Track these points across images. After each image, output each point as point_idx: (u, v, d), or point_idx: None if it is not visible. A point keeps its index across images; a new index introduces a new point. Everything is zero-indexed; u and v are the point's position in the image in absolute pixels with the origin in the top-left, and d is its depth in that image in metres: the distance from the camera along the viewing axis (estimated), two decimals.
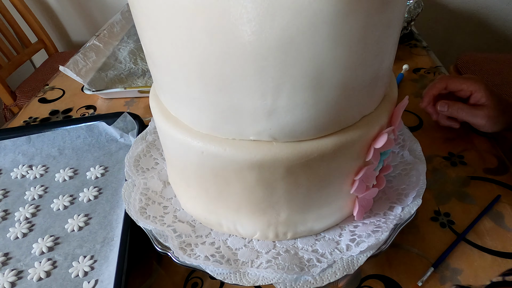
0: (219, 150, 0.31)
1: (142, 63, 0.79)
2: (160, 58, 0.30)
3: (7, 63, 1.38)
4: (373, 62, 0.29)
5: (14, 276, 0.41)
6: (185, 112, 0.33)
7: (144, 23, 0.29)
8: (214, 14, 0.24)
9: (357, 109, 0.31)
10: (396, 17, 0.29)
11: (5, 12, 1.43)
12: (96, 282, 0.39)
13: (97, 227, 0.45)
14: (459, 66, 1.16)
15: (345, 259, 0.34)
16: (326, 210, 0.37)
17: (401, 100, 0.36)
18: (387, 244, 0.36)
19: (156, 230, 0.38)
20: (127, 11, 0.98)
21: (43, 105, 0.73)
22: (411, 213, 0.38)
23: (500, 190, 0.48)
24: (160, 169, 0.46)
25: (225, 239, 0.38)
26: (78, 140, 0.58)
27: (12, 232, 0.45)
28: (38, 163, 0.56)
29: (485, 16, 1.49)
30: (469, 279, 0.38)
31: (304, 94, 0.27)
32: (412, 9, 0.80)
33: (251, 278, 0.34)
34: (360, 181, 0.35)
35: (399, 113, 0.35)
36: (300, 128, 0.29)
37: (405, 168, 0.44)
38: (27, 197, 0.50)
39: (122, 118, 0.57)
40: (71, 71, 0.69)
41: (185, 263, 0.35)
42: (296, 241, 0.38)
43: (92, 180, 0.52)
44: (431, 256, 0.41)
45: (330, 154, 0.31)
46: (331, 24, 0.24)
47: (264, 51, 0.25)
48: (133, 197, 0.41)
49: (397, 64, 0.74)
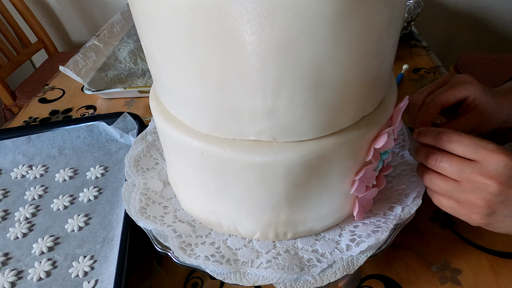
0: (219, 150, 0.31)
1: (142, 63, 0.79)
2: (160, 58, 0.30)
3: (7, 63, 1.38)
4: (373, 62, 0.29)
5: (14, 276, 0.41)
6: (185, 112, 0.33)
7: (144, 23, 0.29)
8: (214, 14, 0.24)
9: (357, 109, 0.31)
10: (396, 17, 0.29)
11: (5, 12, 1.43)
12: (96, 282, 0.39)
13: (97, 227, 0.45)
14: (459, 66, 1.16)
15: (345, 259, 0.34)
16: (326, 210, 0.37)
17: (401, 100, 0.36)
18: (387, 244, 0.36)
19: (156, 230, 0.38)
20: (127, 11, 0.98)
21: (43, 105, 0.73)
22: (411, 213, 0.38)
23: None
24: (160, 169, 0.46)
25: (225, 239, 0.38)
26: (78, 140, 0.58)
27: (12, 232, 0.45)
28: (38, 163, 0.56)
29: (485, 16, 1.49)
30: (469, 279, 0.38)
31: (304, 94, 0.27)
32: (412, 9, 0.80)
33: (251, 278, 0.34)
34: (360, 181, 0.35)
35: (399, 113, 0.35)
36: (300, 128, 0.29)
37: (405, 168, 0.44)
38: (27, 197, 0.50)
39: (122, 118, 0.57)
40: (71, 71, 0.69)
41: (185, 263, 0.35)
42: (296, 241, 0.38)
43: (92, 180, 0.52)
44: (431, 256, 0.41)
45: (330, 154, 0.31)
46: (331, 24, 0.24)
47: (264, 51, 0.25)
48: (133, 197, 0.41)
49: (397, 64, 0.74)
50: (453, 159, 0.34)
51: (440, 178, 0.35)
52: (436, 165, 0.35)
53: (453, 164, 0.34)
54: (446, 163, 0.34)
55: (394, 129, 0.35)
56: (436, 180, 0.35)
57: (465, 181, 0.33)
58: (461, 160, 0.33)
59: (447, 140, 0.34)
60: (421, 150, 0.37)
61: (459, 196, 0.34)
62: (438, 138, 0.35)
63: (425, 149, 0.36)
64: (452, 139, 0.34)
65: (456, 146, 0.34)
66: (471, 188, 0.33)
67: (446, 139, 0.34)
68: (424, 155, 0.36)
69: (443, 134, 0.35)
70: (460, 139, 0.33)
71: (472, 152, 0.33)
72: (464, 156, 0.33)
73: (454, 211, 0.35)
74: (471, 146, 0.33)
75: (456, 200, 0.35)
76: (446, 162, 0.34)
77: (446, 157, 0.34)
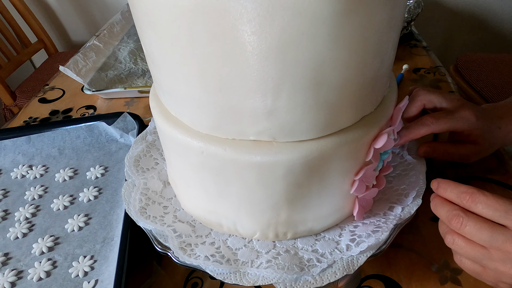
0: (219, 150, 0.31)
1: (142, 63, 0.79)
2: (160, 58, 0.30)
3: (7, 63, 1.38)
4: (373, 62, 0.29)
5: (14, 276, 0.41)
6: (185, 112, 0.33)
7: (144, 23, 0.29)
8: (214, 14, 0.24)
9: (357, 109, 0.31)
10: (396, 17, 0.29)
11: (5, 12, 1.43)
12: (96, 282, 0.39)
13: (97, 227, 0.45)
14: (459, 66, 1.16)
15: (345, 259, 0.34)
16: (326, 210, 0.37)
17: (401, 100, 0.36)
18: (387, 244, 0.36)
19: (156, 230, 0.38)
20: (127, 11, 0.98)
21: (43, 105, 0.73)
22: (411, 213, 0.38)
23: (500, 190, 0.48)
24: (160, 169, 0.46)
25: (225, 239, 0.38)
26: (78, 140, 0.58)
27: (12, 232, 0.45)
28: (38, 163, 0.56)
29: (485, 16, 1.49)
30: (469, 279, 0.38)
31: (304, 94, 0.27)
32: (412, 9, 0.80)
33: (251, 278, 0.34)
34: (360, 181, 0.35)
35: (399, 113, 0.35)
36: (300, 128, 0.29)
37: (405, 168, 0.44)
38: (27, 197, 0.50)
39: (122, 118, 0.57)
40: (71, 71, 0.69)
41: (185, 263, 0.35)
42: (296, 241, 0.38)
43: (92, 180, 0.52)
44: (431, 256, 0.41)
45: (330, 154, 0.31)
46: (331, 24, 0.24)
47: (264, 51, 0.25)
48: (133, 197, 0.41)
49: (397, 64, 0.74)
50: (482, 225, 0.30)
51: (466, 242, 0.31)
52: (461, 229, 0.31)
53: (482, 231, 0.29)
54: (473, 229, 0.30)
55: (394, 129, 0.35)
56: (461, 243, 0.31)
57: (495, 250, 0.29)
58: (491, 226, 0.29)
59: (472, 201, 0.31)
60: (441, 206, 0.33)
61: (487, 263, 0.30)
62: (462, 198, 0.31)
63: (446, 207, 0.32)
64: (477, 200, 0.30)
65: (483, 208, 0.30)
66: (501, 257, 0.29)
67: (470, 199, 0.31)
68: (446, 214, 0.32)
69: (467, 194, 0.31)
70: (487, 201, 0.30)
71: (502, 217, 0.29)
72: (492, 219, 0.30)
73: (479, 276, 0.32)
74: (500, 211, 0.29)
75: (482, 266, 0.31)
76: (474, 228, 0.30)
77: (473, 221, 0.30)
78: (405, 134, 0.41)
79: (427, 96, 0.44)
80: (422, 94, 0.44)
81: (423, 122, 0.41)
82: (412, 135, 0.41)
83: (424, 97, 0.44)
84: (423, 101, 0.44)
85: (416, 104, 0.44)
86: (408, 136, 0.41)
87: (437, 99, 0.44)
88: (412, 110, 0.45)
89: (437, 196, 0.34)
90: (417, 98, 0.45)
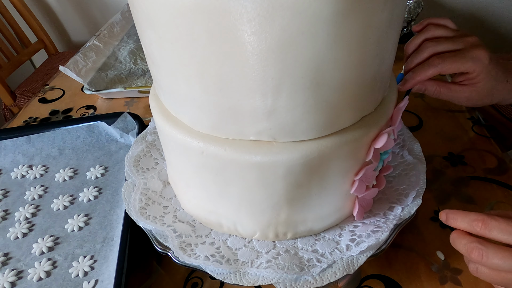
0: (219, 150, 0.31)
1: (142, 63, 0.79)
2: (160, 58, 0.30)
3: (7, 63, 1.38)
4: (373, 62, 0.29)
5: (14, 276, 0.41)
6: (185, 112, 0.33)
7: (144, 23, 0.29)
8: (214, 14, 0.24)
9: (357, 109, 0.31)
10: (396, 17, 0.29)
11: (5, 12, 1.43)
12: (96, 282, 0.39)
13: (97, 227, 0.45)
14: None
15: (345, 259, 0.34)
16: (326, 210, 0.37)
17: (401, 100, 0.36)
18: (387, 244, 0.36)
19: (156, 230, 0.38)
20: (127, 11, 0.98)
21: (43, 105, 0.73)
22: (411, 213, 0.38)
23: (500, 190, 0.48)
24: (160, 169, 0.46)
25: (225, 239, 0.38)
26: (78, 140, 0.58)
27: (12, 232, 0.45)
28: (38, 163, 0.56)
29: (485, 16, 1.49)
30: (469, 279, 0.38)
31: (304, 94, 0.27)
32: (412, 9, 0.80)
33: (251, 278, 0.34)
34: (360, 181, 0.35)
35: (399, 113, 0.35)
36: (300, 128, 0.29)
37: (405, 168, 0.44)
38: (27, 197, 0.50)
39: (122, 118, 0.57)
40: (71, 71, 0.69)
41: (185, 263, 0.35)
42: (296, 241, 0.38)
43: (92, 180, 0.52)
44: (431, 256, 0.41)
45: (330, 154, 0.31)
46: (331, 24, 0.24)
47: (264, 51, 0.25)
48: (133, 197, 0.41)
49: (397, 64, 0.74)
50: (504, 254, 0.30)
51: (490, 270, 0.31)
52: (483, 261, 0.31)
53: (506, 260, 0.29)
54: (496, 259, 0.30)
55: (394, 129, 0.35)
56: (485, 271, 0.32)
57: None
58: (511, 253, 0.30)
59: (485, 227, 0.31)
60: (458, 240, 0.33)
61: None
62: (474, 226, 0.31)
63: (463, 240, 0.32)
64: (490, 226, 0.31)
65: (499, 234, 0.30)
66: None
67: (483, 226, 0.31)
68: (465, 248, 0.32)
69: (479, 222, 0.31)
70: (499, 226, 0.30)
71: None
72: (508, 243, 0.30)
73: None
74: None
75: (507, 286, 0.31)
76: (497, 258, 0.30)
77: (493, 251, 0.30)
78: (412, 76, 0.40)
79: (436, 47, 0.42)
80: (430, 46, 0.42)
81: (429, 63, 0.40)
82: (419, 77, 0.39)
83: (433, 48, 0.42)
84: (430, 52, 0.42)
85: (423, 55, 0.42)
86: (415, 78, 0.40)
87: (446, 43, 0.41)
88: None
89: (454, 231, 0.33)
90: (425, 50, 0.42)
